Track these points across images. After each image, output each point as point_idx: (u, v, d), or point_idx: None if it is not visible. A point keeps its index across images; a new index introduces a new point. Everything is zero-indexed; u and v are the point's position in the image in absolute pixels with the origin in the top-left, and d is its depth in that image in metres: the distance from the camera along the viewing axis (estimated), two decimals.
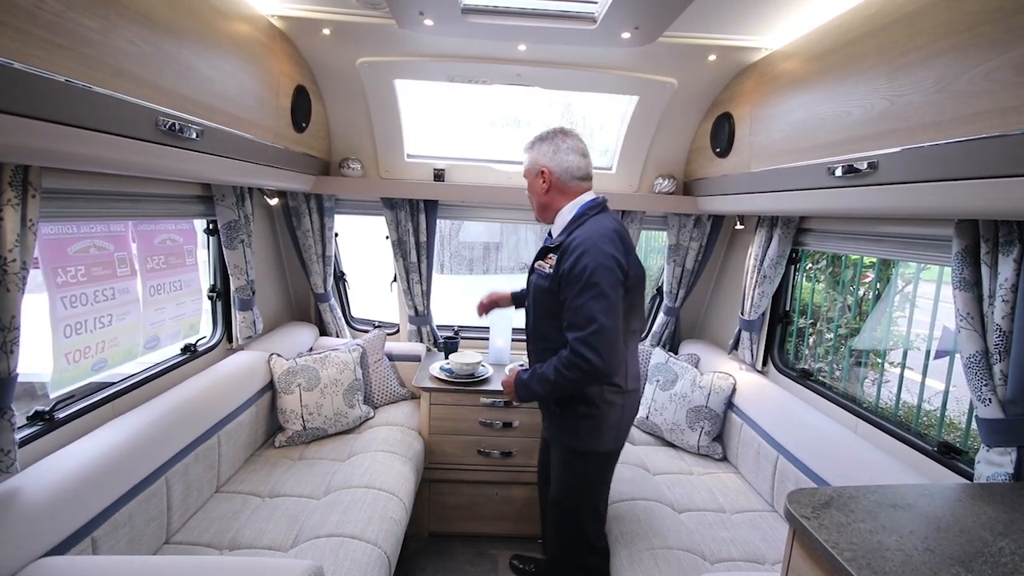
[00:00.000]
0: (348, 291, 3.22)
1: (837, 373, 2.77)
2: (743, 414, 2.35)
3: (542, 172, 1.67)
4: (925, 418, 2.98)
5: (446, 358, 2.84)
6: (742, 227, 2.60)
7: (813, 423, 2.00)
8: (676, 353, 3.07)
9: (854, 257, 3.54)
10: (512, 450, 2.61)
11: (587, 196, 1.70)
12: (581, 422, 1.67)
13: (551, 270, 1.62)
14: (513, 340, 3.00)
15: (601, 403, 1.64)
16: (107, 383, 1.80)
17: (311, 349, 2.87)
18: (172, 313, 2.09)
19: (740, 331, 2.64)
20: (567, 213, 1.67)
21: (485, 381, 2.62)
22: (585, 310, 1.49)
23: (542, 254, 1.73)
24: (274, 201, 2.53)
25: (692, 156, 2.70)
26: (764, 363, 2.60)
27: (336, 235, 3.02)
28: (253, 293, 2.39)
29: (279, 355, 2.43)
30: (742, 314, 2.59)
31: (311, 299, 3.05)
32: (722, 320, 3.04)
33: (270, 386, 2.39)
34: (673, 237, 2.91)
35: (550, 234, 1.79)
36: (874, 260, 3.68)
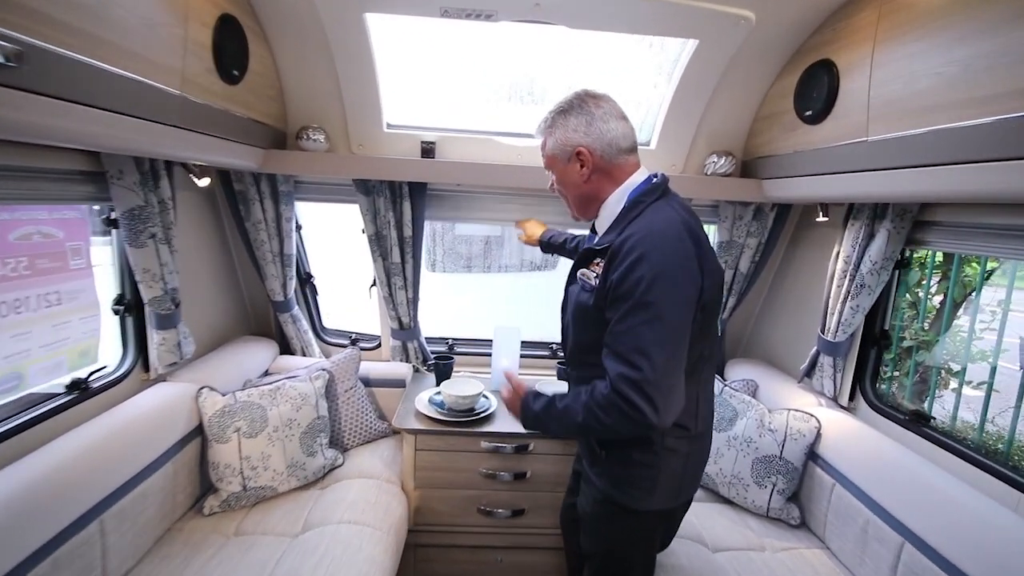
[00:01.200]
0: (317, 298, 2.60)
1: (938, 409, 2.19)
2: (836, 472, 1.75)
3: (579, 153, 1.25)
4: None
5: (437, 384, 2.24)
6: (825, 220, 1.99)
7: (956, 496, 1.41)
8: (722, 376, 2.47)
9: (918, 255, 2.94)
10: (524, 507, 2.02)
11: (638, 177, 1.27)
12: (632, 472, 1.28)
13: (597, 280, 1.21)
14: (523, 357, 2.40)
15: (661, 450, 1.25)
16: None
17: (266, 372, 2.26)
18: (44, 338, 1.47)
19: (818, 354, 2.04)
20: (615, 203, 1.26)
21: (488, 419, 2.02)
22: (634, 338, 1.10)
23: (585, 259, 1.29)
24: (204, 182, 1.91)
25: (758, 127, 2.08)
26: (851, 397, 2.00)
27: (299, 228, 2.40)
28: (176, 305, 1.77)
29: (212, 388, 1.81)
30: (823, 333, 1.99)
31: (270, 310, 2.43)
32: (779, 335, 2.44)
33: (199, 431, 1.78)
34: (725, 232, 2.29)
35: (593, 230, 1.39)
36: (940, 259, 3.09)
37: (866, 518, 1.59)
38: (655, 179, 1.26)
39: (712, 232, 2.39)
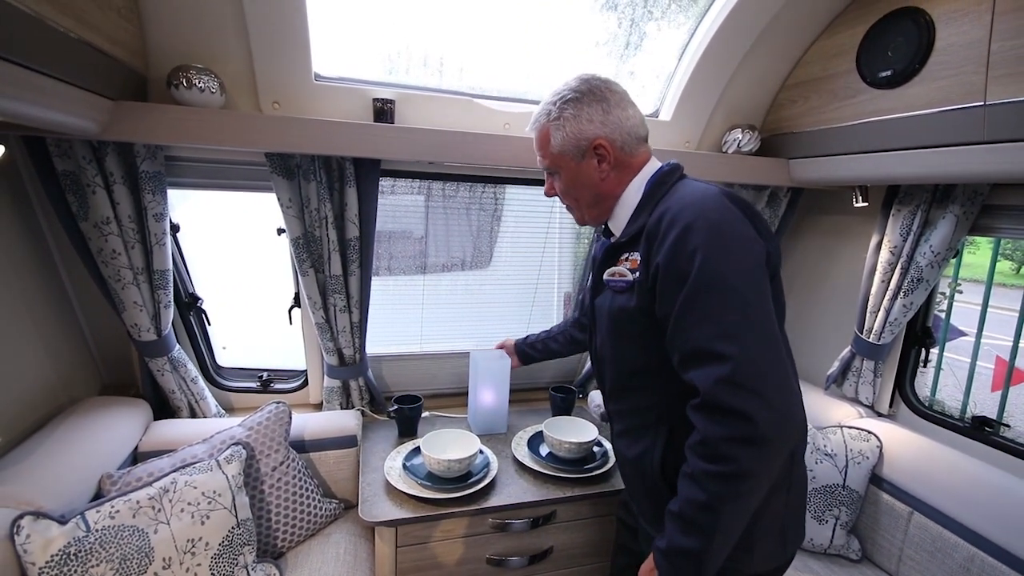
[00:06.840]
0: (208, 330, 1.81)
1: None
2: (911, 497, 1.50)
3: (597, 147, 1.04)
4: None
5: (401, 435, 1.65)
6: (864, 204, 1.75)
7: None
8: None
9: None
10: None
11: (652, 165, 1.08)
12: None
13: (636, 273, 0.99)
14: (514, 391, 1.86)
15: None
16: None
17: (134, 456, 1.46)
18: None
19: (852, 357, 1.81)
20: (633, 195, 1.07)
21: (491, 486, 1.48)
22: (710, 326, 0.84)
23: (611, 256, 1.07)
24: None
25: (786, 96, 1.76)
26: (890, 403, 1.81)
27: (175, 229, 1.61)
28: None
29: (40, 514, 1.04)
30: (861, 333, 1.76)
31: (133, 353, 1.61)
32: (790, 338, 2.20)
33: None
34: None
35: (605, 232, 1.16)
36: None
37: (967, 553, 1.36)
38: (673, 163, 1.07)
39: None
